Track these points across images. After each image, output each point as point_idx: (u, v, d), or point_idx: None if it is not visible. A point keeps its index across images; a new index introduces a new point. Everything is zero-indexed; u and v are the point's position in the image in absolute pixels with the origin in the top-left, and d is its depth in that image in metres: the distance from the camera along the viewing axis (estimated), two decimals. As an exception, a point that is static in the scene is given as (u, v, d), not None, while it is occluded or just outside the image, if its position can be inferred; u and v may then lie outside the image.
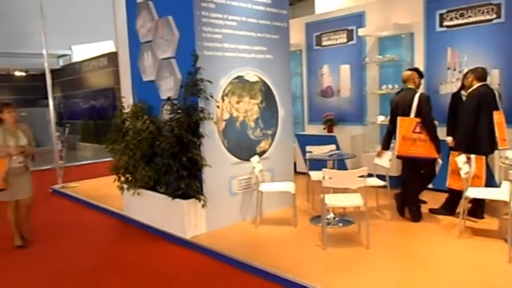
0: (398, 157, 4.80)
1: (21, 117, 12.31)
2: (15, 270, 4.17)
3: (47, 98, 8.41)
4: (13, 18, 14.97)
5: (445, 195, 4.95)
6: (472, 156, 4.37)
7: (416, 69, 4.95)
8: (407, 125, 4.60)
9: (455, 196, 4.70)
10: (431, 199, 5.32)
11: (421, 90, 4.87)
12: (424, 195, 5.21)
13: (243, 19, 4.96)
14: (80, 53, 15.53)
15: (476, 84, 4.59)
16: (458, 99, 4.85)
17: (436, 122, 4.69)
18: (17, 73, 16.13)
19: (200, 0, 4.54)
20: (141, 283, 3.72)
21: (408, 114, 4.61)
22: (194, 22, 4.50)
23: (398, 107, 4.75)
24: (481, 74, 4.62)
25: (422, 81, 4.99)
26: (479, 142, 4.48)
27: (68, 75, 15.22)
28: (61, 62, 16.07)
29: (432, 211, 4.97)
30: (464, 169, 4.23)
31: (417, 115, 4.57)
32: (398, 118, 4.66)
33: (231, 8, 4.84)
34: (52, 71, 8.26)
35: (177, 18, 4.74)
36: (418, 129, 4.57)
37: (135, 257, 4.33)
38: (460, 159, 4.30)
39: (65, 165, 8.39)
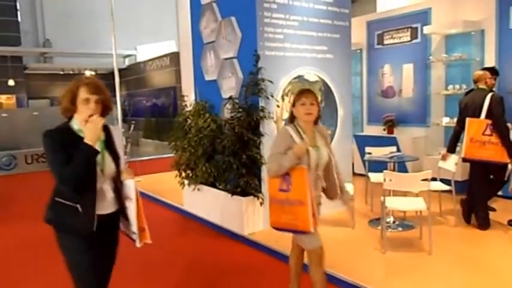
0: (464, 160, 4.57)
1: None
2: None
3: (113, 96, 8.91)
4: (84, 21, 16.02)
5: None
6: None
7: (490, 69, 4.68)
8: (476, 126, 4.37)
9: None
10: (501, 207, 5.01)
11: (492, 91, 4.62)
12: (493, 203, 4.92)
13: (304, 19, 4.96)
14: (144, 52, 16.27)
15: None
16: None
17: (508, 125, 4.42)
18: (87, 72, 17.20)
19: (263, 1, 4.60)
20: (201, 277, 3.86)
21: (478, 116, 4.37)
22: (256, 22, 4.57)
23: (467, 108, 4.52)
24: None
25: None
26: None
27: (133, 75, 15.98)
28: (127, 62, 16.91)
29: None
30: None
31: (488, 117, 4.32)
32: (467, 119, 4.44)
33: (293, 8, 4.86)
34: (118, 70, 8.74)
35: (240, 19, 4.84)
36: (488, 132, 4.32)
37: (194, 251, 4.48)
38: None
39: (129, 160, 8.86)
